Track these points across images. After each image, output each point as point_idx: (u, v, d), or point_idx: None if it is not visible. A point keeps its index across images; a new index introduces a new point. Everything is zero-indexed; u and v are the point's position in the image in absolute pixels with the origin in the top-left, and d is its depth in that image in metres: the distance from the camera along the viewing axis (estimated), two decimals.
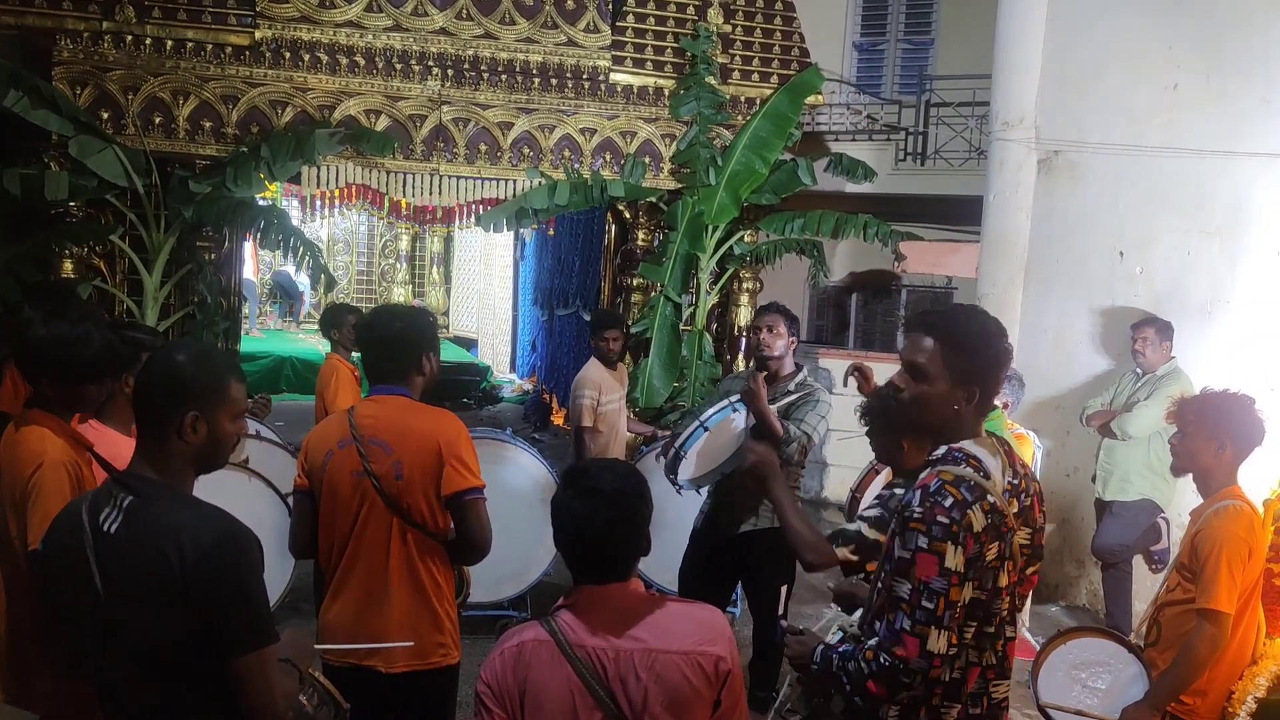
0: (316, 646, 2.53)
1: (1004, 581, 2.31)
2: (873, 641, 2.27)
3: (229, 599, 2.02)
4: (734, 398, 4.41)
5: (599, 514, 2.07)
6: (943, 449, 2.35)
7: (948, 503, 2.20)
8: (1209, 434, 3.31)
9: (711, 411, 4.42)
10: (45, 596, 2.23)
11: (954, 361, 2.34)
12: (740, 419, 4.40)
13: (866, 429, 3.47)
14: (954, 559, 2.18)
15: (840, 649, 2.38)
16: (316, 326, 16.16)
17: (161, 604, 2.01)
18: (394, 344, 3.12)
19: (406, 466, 2.97)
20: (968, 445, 2.33)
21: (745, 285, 8.89)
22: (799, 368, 4.65)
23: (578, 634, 2.05)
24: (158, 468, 2.13)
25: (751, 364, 4.53)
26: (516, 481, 5.64)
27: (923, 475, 2.32)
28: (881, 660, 2.22)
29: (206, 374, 2.17)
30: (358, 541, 3.01)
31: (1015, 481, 2.36)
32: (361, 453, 2.98)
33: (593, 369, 5.94)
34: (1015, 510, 2.33)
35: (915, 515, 2.22)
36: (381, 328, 3.17)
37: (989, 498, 2.24)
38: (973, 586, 2.24)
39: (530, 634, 2.10)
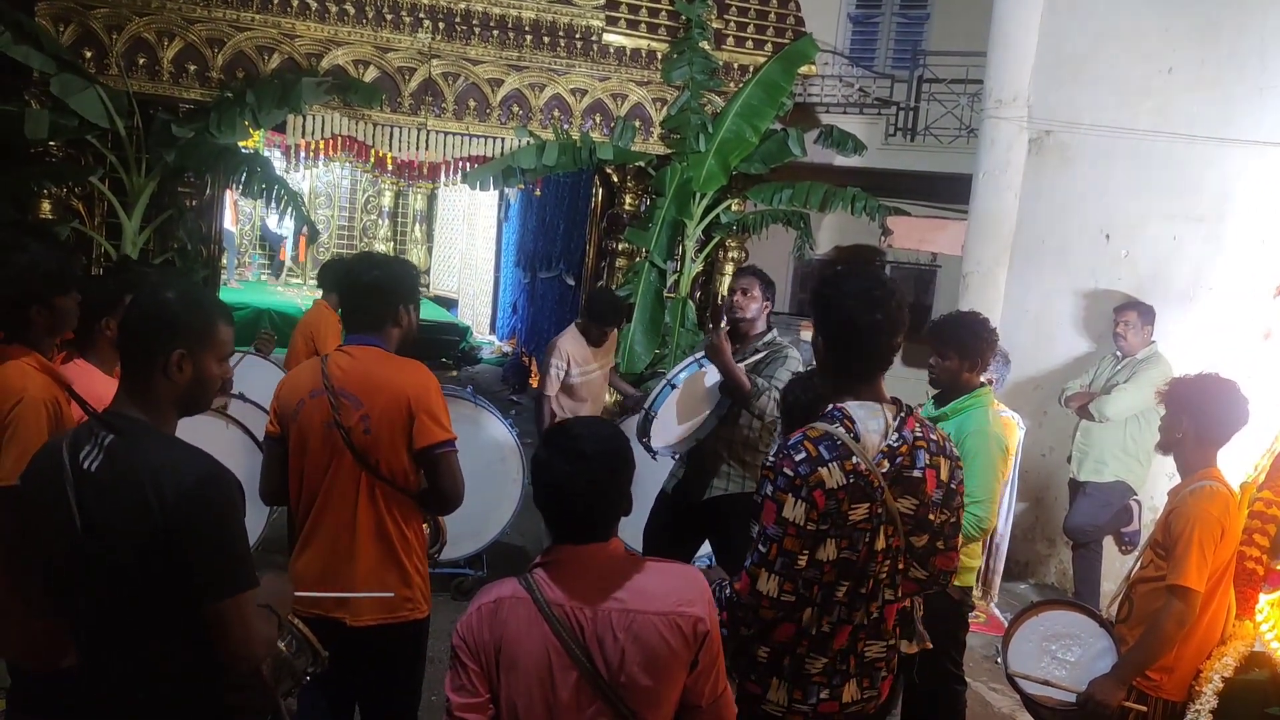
0: (296, 594, 2.52)
1: (880, 544, 2.39)
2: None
3: (208, 541, 2.00)
4: (699, 354, 4.43)
5: (580, 475, 2.04)
6: (829, 407, 2.45)
7: (799, 457, 2.32)
8: (1175, 412, 3.39)
9: (678, 369, 4.43)
10: (23, 533, 2.19)
11: (813, 314, 2.58)
12: (710, 375, 4.39)
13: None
14: (792, 510, 2.30)
15: (724, 581, 2.49)
16: (299, 280, 16.08)
17: (140, 544, 1.98)
18: (370, 292, 3.07)
19: (375, 421, 2.94)
20: (850, 405, 2.42)
21: (731, 254, 8.87)
22: (770, 328, 4.65)
23: (555, 593, 2.04)
24: (141, 406, 2.10)
25: (725, 325, 4.52)
26: (476, 440, 5.60)
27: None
28: (728, 592, 2.40)
29: (194, 313, 2.14)
30: (327, 493, 2.99)
31: (896, 444, 2.41)
32: (333, 403, 2.94)
33: (567, 339, 5.84)
34: (885, 471, 2.38)
35: (768, 464, 2.37)
36: (359, 275, 3.11)
37: (853, 459, 2.33)
38: (839, 545, 2.34)
39: (508, 591, 2.07)
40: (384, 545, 3.02)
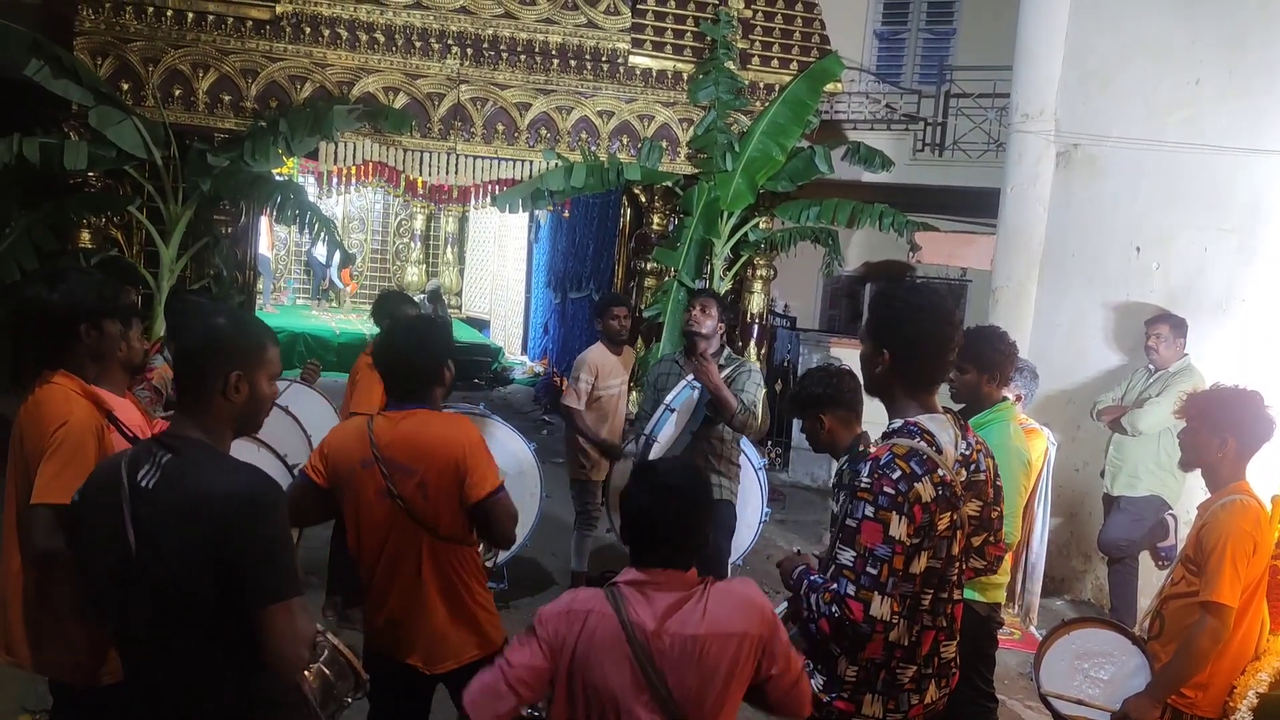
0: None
1: (955, 550, 2.49)
2: (834, 585, 2.39)
3: (257, 550, 2.08)
4: (690, 377, 4.66)
5: (667, 504, 2.24)
6: (898, 422, 2.48)
7: (895, 475, 2.34)
8: (1213, 428, 3.32)
9: (674, 394, 4.68)
10: (76, 546, 2.28)
11: (872, 327, 2.56)
12: (697, 395, 4.69)
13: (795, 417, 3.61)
14: (898, 528, 2.32)
15: (813, 577, 2.51)
16: (335, 304, 16.24)
17: (192, 557, 2.05)
18: (413, 366, 3.13)
19: (431, 487, 2.99)
20: (923, 419, 2.47)
21: (759, 272, 8.89)
22: (723, 348, 4.87)
23: (639, 614, 2.19)
24: (200, 428, 2.19)
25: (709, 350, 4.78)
26: (494, 455, 5.63)
27: (876, 447, 2.47)
28: (833, 610, 2.36)
29: (246, 335, 2.26)
30: (391, 558, 3.05)
31: (966, 452, 2.53)
32: (384, 474, 2.99)
33: (595, 352, 5.89)
34: (963, 479, 2.49)
35: (863, 485, 2.37)
36: (399, 351, 3.16)
37: (940, 471, 2.39)
38: (928, 556, 2.40)
39: (597, 605, 2.23)
40: (452, 600, 3.09)
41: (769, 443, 8.63)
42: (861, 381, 3.27)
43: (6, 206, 7.04)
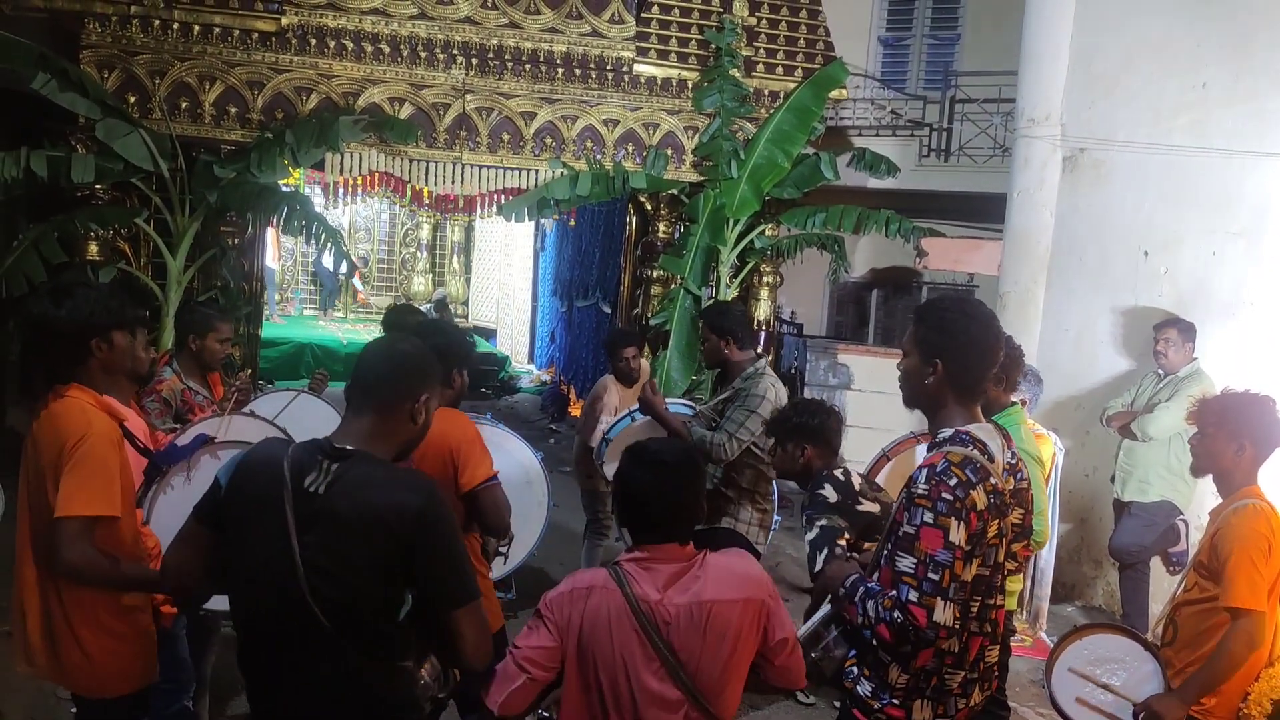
0: None
1: (1001, 557, 2.51)
2: (894, 591, 2.41)
3: (446, 555, 2.16)
4: (634, 408, 4.61)
5: (661, 482, 2.31)
6: (948, 430, 2.49)
7: (952, 482, 2.35)
8: (1229, 435, 3.30)
9: (612, 424, 4.76)
10: (226, 539, 2.24)
11: (921, 338, 2.54)
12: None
13: (771, 442, 3.76)
14: (957, 534, 2.34)
15: (869, 583, 2.52)
16: (342, 315, 16.25)
17: (368, 565, 2.10)
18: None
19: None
20: (972, 428, 2.49)
21: (765, 279, 8.88)
22: (758, 356, 4.56)
23: (642, 588, 2.26)
24: (368, 442, 2.21)
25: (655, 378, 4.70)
26: (501, 464, 5.60)
27: (928, 455, 2.49)
28: (895, 616, 2.37)
29: (434, 363, 2.40)
30: None
31: (1012, 461, 2.55)
32: None
33: (610, 390, 5.87)
34: (1011, 488, 2.52)
35: (920, 492, 2.38)
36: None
37: (991, 479, 2.42)
38: (978, 563, 2.42)
39: (600, 580, 2.30)
40: None
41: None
42: (842, 418, 3.55)
43: (14, 220, 7.07)
